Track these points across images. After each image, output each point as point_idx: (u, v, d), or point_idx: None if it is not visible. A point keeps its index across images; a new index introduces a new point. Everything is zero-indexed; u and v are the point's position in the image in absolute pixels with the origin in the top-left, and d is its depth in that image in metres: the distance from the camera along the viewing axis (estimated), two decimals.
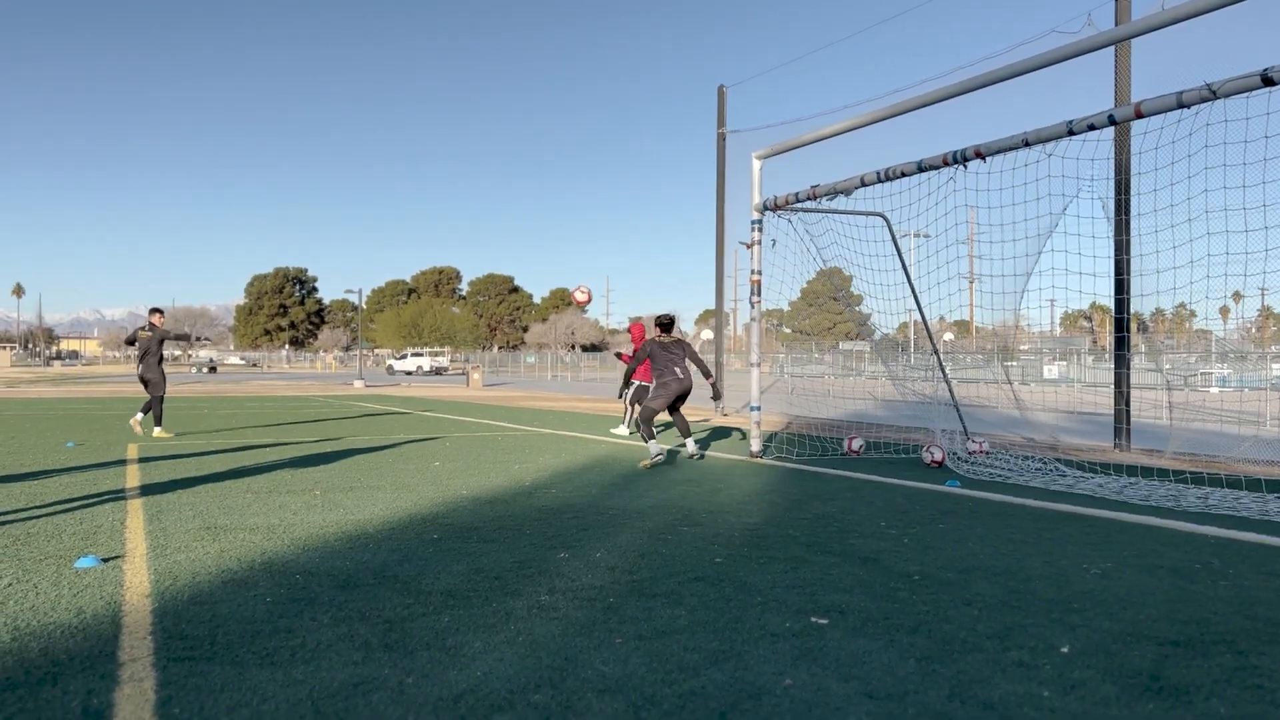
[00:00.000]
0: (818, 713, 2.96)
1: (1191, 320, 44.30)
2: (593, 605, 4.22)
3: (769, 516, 6.79)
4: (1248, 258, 7.18)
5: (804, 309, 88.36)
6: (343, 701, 3.02)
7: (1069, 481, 8.98)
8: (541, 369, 71.80)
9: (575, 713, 2.94)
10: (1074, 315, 78.22)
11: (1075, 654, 3.59)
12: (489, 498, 7.53)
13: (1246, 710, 3.01)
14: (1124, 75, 12.80)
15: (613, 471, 9.50)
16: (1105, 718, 2.94)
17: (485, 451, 11.51)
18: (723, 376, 22.58)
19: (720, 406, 21.15)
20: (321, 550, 5.39)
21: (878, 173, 10.30)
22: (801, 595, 4.47)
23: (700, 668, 3.38)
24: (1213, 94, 6.68)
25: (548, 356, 76.06)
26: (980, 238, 10.85)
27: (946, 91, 9.49)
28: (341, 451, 11.40)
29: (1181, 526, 6.55)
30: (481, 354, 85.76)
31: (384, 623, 3.92)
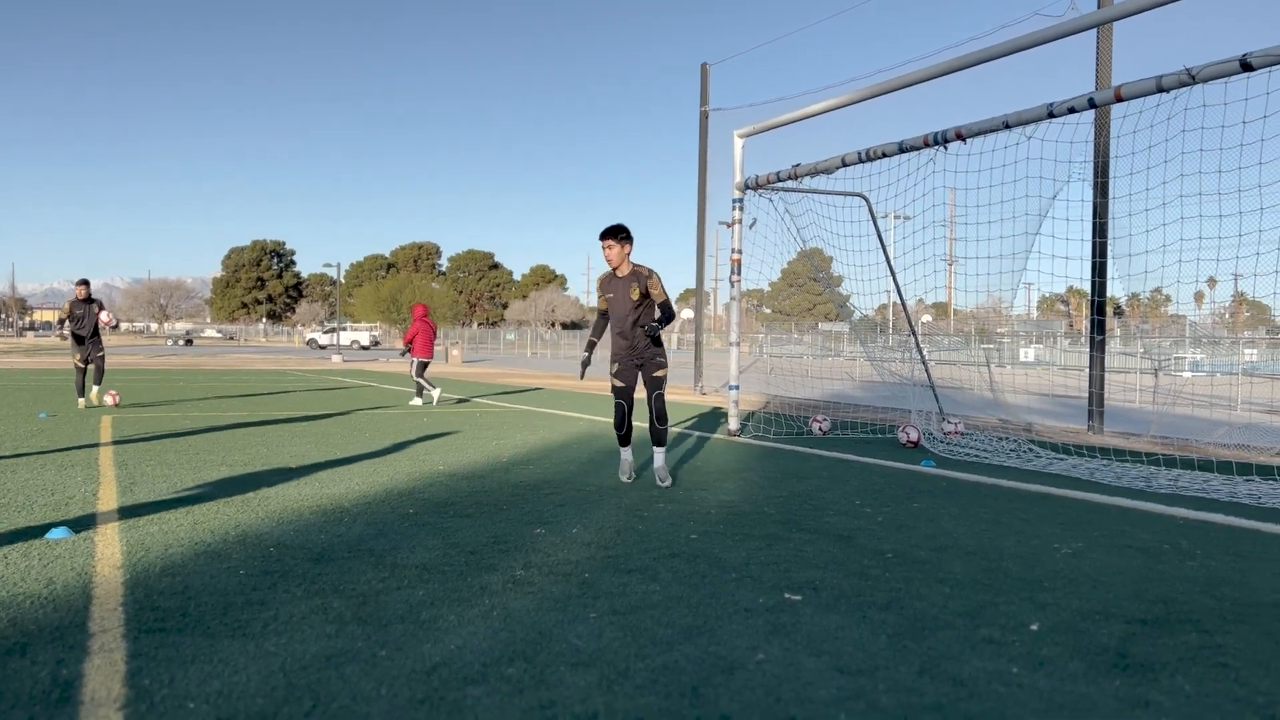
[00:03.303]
0: (789, 687, 2.98)
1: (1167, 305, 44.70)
2: (568, 580, 4.23)
3: (745, 494, 6.82)
4: (1220, 242, 7.24)
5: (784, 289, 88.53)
6: (316, 674, 3.02)
7: (1042, 463, 9.07)
8: (521, 346, 71.67)
9: (548, 685, 2.95)
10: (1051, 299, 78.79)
11: (1044, 631, 3.63)
12: (466, 473, 7.52)
13: (1210, 687, 3.06)
14: (1105, 59, 12.82)
15: (591, 448, 9.51)
16: (1073, 694, 2.98)
17: (463, 427, 11.49)
18: (702, 355, 22.63)
19: (699, 385, 21.20)
20: (296, 523, 5.37)
21: (859, 153, 10.30)
22: (776, 572, 4.49)
23: (674, 642, 3.40)
24: (1192, 79, 6.71)
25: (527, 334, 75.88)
26: (960, 220, 10.89)
27: (929, 72, 9.49)
28: (318, 426, 11.35)
29: (1152, 508, 6.63)
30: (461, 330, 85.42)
31: (358, 596, 3.92)
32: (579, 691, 2.91)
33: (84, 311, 13.59)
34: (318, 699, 2.82)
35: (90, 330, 13.62)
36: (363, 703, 2.80)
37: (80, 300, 13.58)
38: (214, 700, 2.78)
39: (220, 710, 2.71)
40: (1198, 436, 11.76)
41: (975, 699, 2.91)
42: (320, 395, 17.32)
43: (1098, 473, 8.35)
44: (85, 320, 13.57)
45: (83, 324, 13.57)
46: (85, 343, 13.62)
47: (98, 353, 13.78)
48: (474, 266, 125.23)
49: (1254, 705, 2.91)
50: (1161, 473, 8.33)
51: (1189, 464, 8.81)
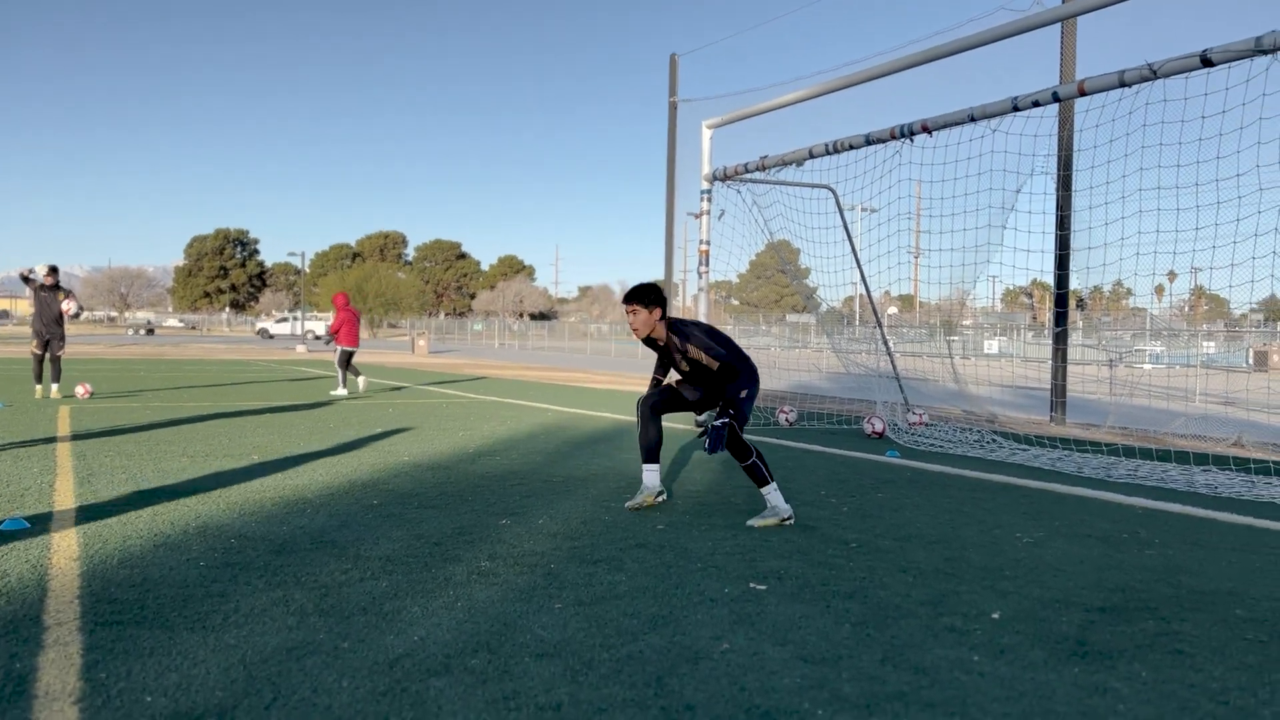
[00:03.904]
0: (753, 676, 2.99)
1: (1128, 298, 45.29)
2: (533, 571, 4.22)
3: (711, 484, 6.83)
4: (1178, 236, 7.35)
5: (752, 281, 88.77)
6: (276, 666, 2.98)
7: (1005, 453, 9.17)
8: (489, 336, 71.37)
9: (512, 676, 2.94)
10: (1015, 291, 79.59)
11: (1005, 620, 3.67)
12: (431, 464, 7.47)
13: (1167, 674, 3.11)
14: (1069, 54, 12.95)
15: (558, 439, 9.48)
16: (1033, 681, 3.01)
17: (429, 418, 11.42)
18: None
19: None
20: (258, 515, 5.31)
21: (826, 145, 10.33)
22: (741, 562, 4.50)
23: (639, 632, 3.40)
24: (1153, 73, 6.79)
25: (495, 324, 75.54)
26: (925, 212, 10.96)
27: (896, 65, 9.54)
28: (282, 416, 11.23)
29: (1111, 497, 6.72)
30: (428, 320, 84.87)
31: (320, 588, 3.88)
32: (543, 682, 2.90)
33: (48, 298, 13.20)
34: (278, 691, 2.79)
35: (51, 319, 13.25)
36: (324, 695, 2.77)
37: (46, 286, 13.18)
38: (172, 693, 2.74)
39: (179, 703, 2.67)
40: (1157, 427, 11.95)
41: (937, 687, 2.94)
42: (284, 386, 17.15)
43: (1059, 463, 8.45)
44: (47, 307, 13.18)
45: (43, 311, 13.20)
46: (44, 331, 13.25)
47: (58, 346, 13.30)
48: (441, 256, 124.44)
49: (1209, 691, 2.96)
50: (1121, 463, 8.45)
51: (1148, 454, 8.95)
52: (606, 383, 21.76)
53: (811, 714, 2.71)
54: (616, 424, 11.23)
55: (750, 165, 11.52)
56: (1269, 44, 6.19)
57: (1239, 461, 8.60)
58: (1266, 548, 5.19)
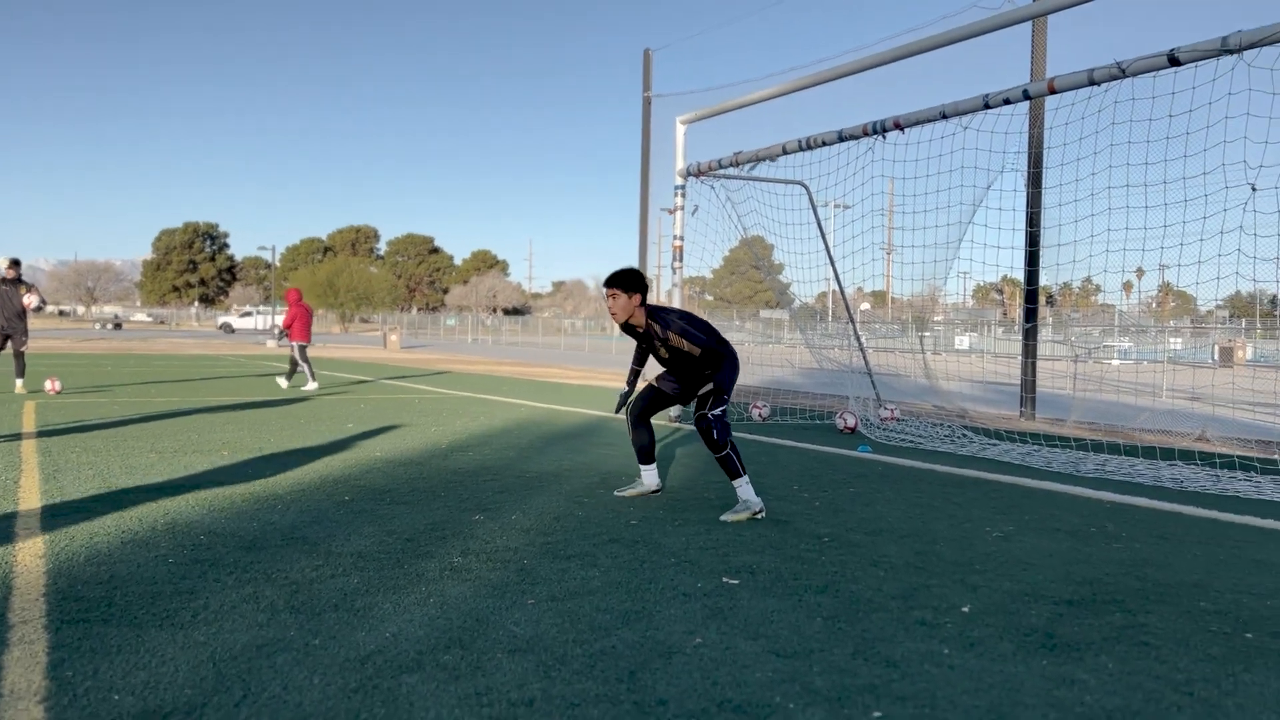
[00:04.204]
0: (726, 670, 3.00)
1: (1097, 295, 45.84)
2: (506, 567, 4.21)
3: (685, 480, 6.85)
4: (1146, 233, 7.45)
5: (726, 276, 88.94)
6: (246, 663, 2.96)
7: (975, 448, 9.25)
8: (462, 332, 71.08)
9: (485, 672, 2.93)
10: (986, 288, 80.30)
11: (975, 613, 3.70)
12: (404, 460, 7.44)
13: (1133, 665, 3.15)
14: (1040, 53, 13.06)
15: (532, 434, 9.47)
16: (1002, 674, 3.04)
17: (401, 414, 11.36)
18: None
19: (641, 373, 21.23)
20: (227, 511, 5.26)
21: (799, 141, 10.37)
22: (714, 556, 4.52)
23: (612, 628, 3.40)
24: (1122, 72, 6.87)
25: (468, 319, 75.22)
26: (898, 209, 11.03)
27: (869, 61, 9.58)
28: (252, 412, 11.13)
29: (1080, 492, 6.80)
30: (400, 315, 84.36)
31: (291, 584, 3.85)
32: (516, 678, 2.89)
33: (9, 291, 12.95)
34: (248, 689, 2.76)
35: (13, 313, 13.01)
36: (294, 692, 2.75)
37: (7, 280, 12.92)
38: (140, 692, 2.71)
39: (146, 702, 2.65)
40: (1124, 422, 12.10)
41: (907, 680, 2.96)
42: (255, 381, 16.99)
43: (1028, 458, 8.54)
44: (8, 301, 12.94)
45: (4, 306, 12.95)
46: (5, 326, 12.99)
47: (20, 341, 13.07)
48: (413, 250, 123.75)
49: (1174, 683, 3.00)
50: (1089, 457, 8.55)
51: (1115, 449, 9.06)
52: (581, 378, 21.74)
53: (783, 707, 2.73)
54: (590, 419, 11.23)
55: (724, 161, 11.54)
56: (1235, 44, 6.28)
57: (1204, 456, 8.73)
58: (1230, 540, 5.27)
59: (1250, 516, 5.99)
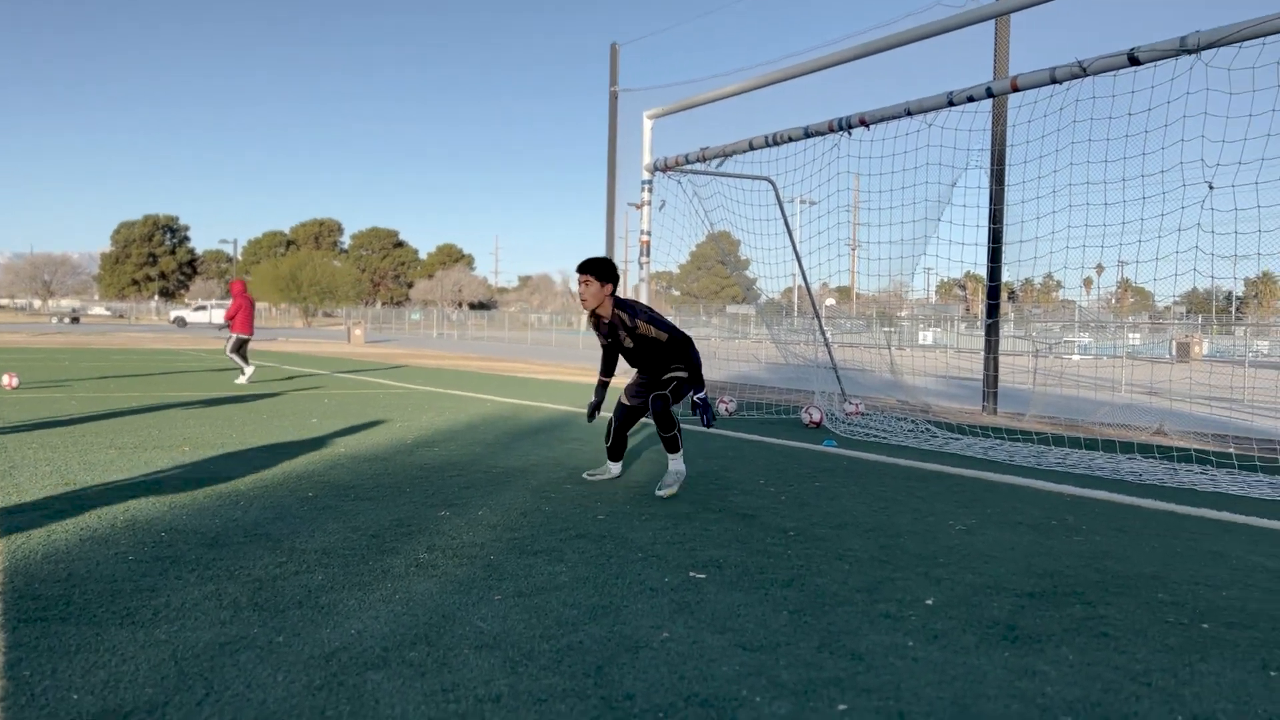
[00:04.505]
0: (692, 665, 3.01)
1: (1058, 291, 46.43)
2: (473, 563, 4.19)
3: (652, 474, 6.85)
4: (1105, 230, 7.55)
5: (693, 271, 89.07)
6: (208, 661, 2.93)
7: (939, 442, 9.34)
8: (427, 326, 70.60)
9: (451, 669, 2.92)
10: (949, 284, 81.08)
11: (939, 606, 3.74)
12: (369, 455, 7.38)
13: (1093, 656, 3.20)
14: (1003, 51, 13.20)
15: (498, 430, 9.43)
16: (964, 665, 3.08)
17: (366, 408, 11.27)
18: None
19: None
20: (189, 508, 5.20)
21: (766, 137, 10.41)
22: (681, 551, 4.53)
23: (579, 623, 3.40)
24: (1083, 70, 6.96)
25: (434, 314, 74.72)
26: (863, 205, 11.10)
27: (834, 58, 9.63)
28: (214, 408, 10.99)
29: (1041, 485, 6.89)
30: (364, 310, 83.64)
31: (254, 581, 3.81)
32: (482, 673, 2.89)
33: None
34: (210, 687, 2.73)
35: None
36: (258, 690, 2.72)
37: None
38: (99, 691, 2.68)
39: (106, 701, 2.61)
40: (1084, 416, 12.27)
41: (872, 672, 2.99)
42: (216, 376, 16.78)
43: (991, 451, 8.64)
44: None
45: None
46: None
47: None
48: (378, 244, 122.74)
49: (1131, 673, 3.06)
50: (1051, 451, 8.67)
51: (1076, 443, 9.19)
52: (548, 373, 21.69)
53: (749, 701, 2.74)
54: (557, 414, 11.21)
55: (691, 156, 11.56)
56: (1193, 44, 6.38)
57: (1162, 449, 8.88)
58: (1187, 533, 5.37)
59: (1206, 509, 6.10)
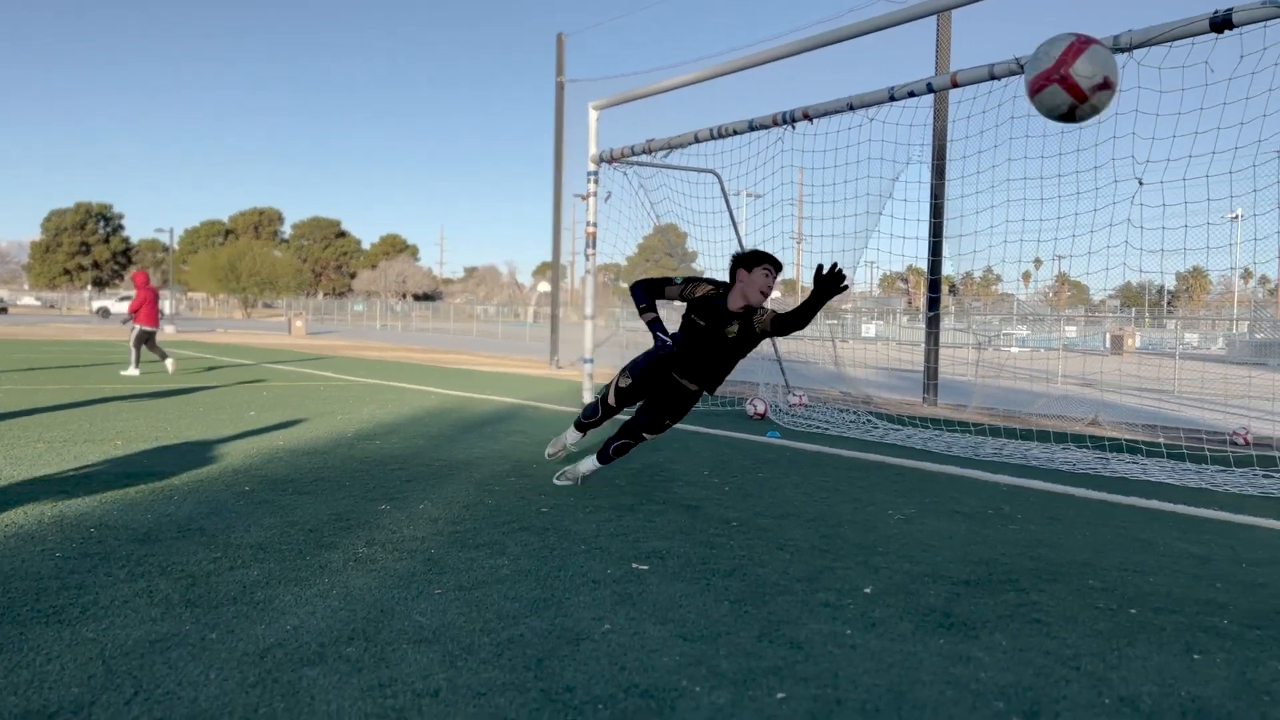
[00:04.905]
0: (633, 656, 3.02)
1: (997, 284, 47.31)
2: (413, 557, 4.15)
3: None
4: (1041, 225, 7.70)
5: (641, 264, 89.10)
6: (137, 659, 2.86)
7: (880, 433, 9.47)
8: (370, 318, 69.71)
9: (389, 664, 2.88)
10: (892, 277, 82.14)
11: (877, 594, 3.79)
12: (308, 449, 7.26)
13: (1025, 642, 3.27)
14: (944, 47, 13.39)
15: (442, 422, 9.35)
16: (901, 653, 3.12)
17: (305, 401, 11.09)
18: (559, 329, 22.58)
19: (555, 359, 21.17)
20: (120, 503, 5.07)
21: (710, 130, 10.43)
22: (624, 543, 4.53)
23: (520, 616, 3.38)
24: (1021, 67, 7.07)
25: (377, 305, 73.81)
26: (808, 198, 11.18)
27: (778, 52, 9.68)
28: (148, 401, 10.74)
29: (978, 475, 7.02)
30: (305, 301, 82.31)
31: (187, 577, 3.73)
32: (421, 668, 2.86)
33: None
34: (139, 685, 2.67)
35: None
36: (189, 687, 2.67)
37: None
38: (23, 691, 2.60)
39: (30, 701, 2.54)
40: (1021, 408, 12.53)
41: (811, 661, 3.02)
42: (151, 368, 16.39)
43: (930, 442, 8.78)
44: None
45: None
46: None
47: None
48: (319, 234, 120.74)
49: (1062, 657, 3.13)
50: (988, 442, 8.83)
51: (1012, 434, 9.38)
52: (494, 365, 21.56)
53: (689, 691, 2.75)
54: (503, 407, 11.15)
55: (636, 148, 11.54)
56: (1125, 43, 6.52)
57: (1095, 440, 9.10)
58: (1117, 521, 5.51)
59: (1136, 498, 6.27)
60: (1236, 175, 6.42)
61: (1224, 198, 6.57)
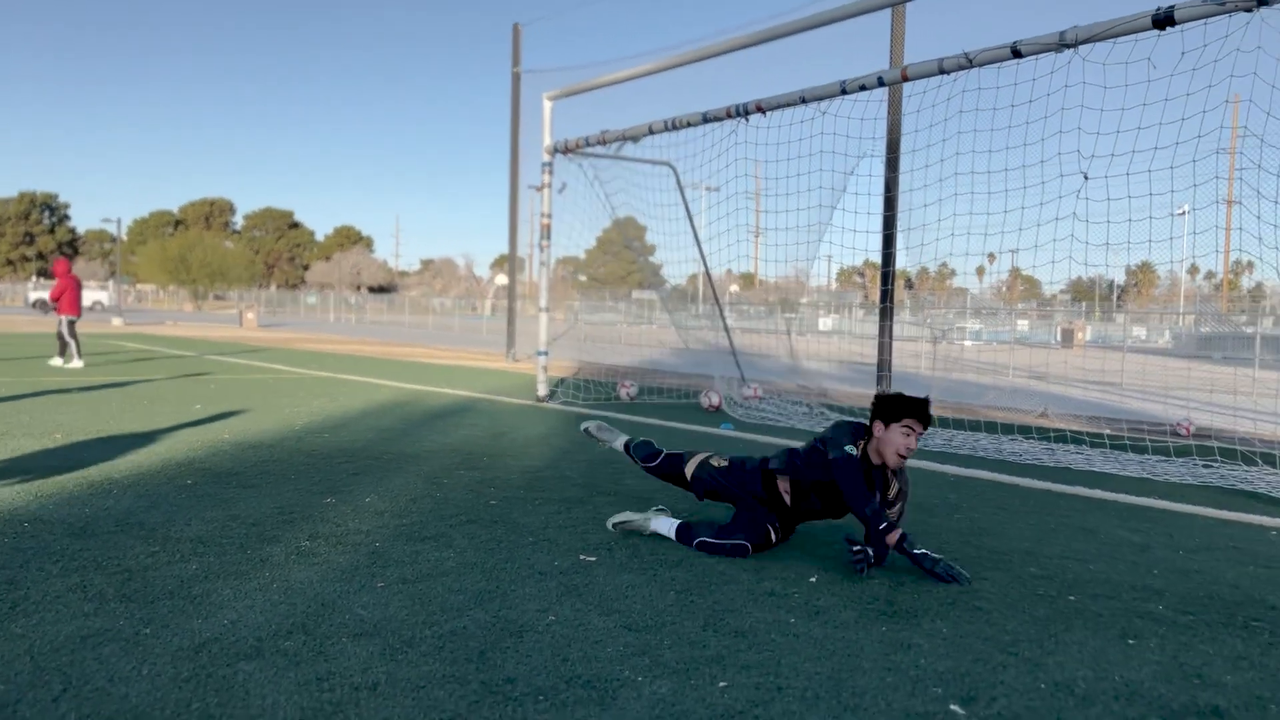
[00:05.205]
0: (577, 647, 3.00)
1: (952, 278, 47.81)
2: (356, 550, 4.10)
3: (549, 459, 6.82)
4: (989, 219, 7.80)
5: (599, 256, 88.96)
6: (68, 655, 2.79)
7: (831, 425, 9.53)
8: (323, 310, 68.84)
9: (327, 657, 2.85)
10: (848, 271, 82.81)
11: (822, 583, 3.81)
12: (253, 442, 7.15)
13: (965, 629, 3.30)
14: (898, 41, 13.46)
15: (393, 416, 9.26)
16: (843, 640, 3.14)
17: (253, 394, 10.93)
18: (515, 322, 22.46)
19: (512, 352, 21.06)
20: (57, 497, 4.95)
21: (665, 122, 10.41)
22: (573, 535, 4.51)
23: (464, 608, 3.35)
24: (969, 62, 7.14)
25: (330, 297, 72.90)
26: (765, 192, 11.22)
27: (734, 43, 9.68)
28: (91, 394, 10.51)
29: (927, 465, 7.09)
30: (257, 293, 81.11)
31: (123, 572, 3.65)
32: (360, 662, 2.82)
33: None
34: (69, 682, 2.61)
35: None
36: (120, 684, 2.61)
37: None
38: None
39: None
40: (973, 399, 12.69)
41: (754, 649, 3.03)
42: (95, 361, 16.05)
43: None
44: None
45: None
46: None
47: None
48: (272, 225, 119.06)
49: (1001, 643, 3.16)
50: (938, 433, 8.92)
51: (961, 425, 9.49)
52: (450, 358, 21.39)
53: (631, 681, 2.74)
54: (456, 400, 11.07)
55: (591, 139, 11.49)
56: (1071, 39, 6.60)
57: (1042, 431, 9.23)
58: (1060, 510, 5.59)
59: (1080, 487, 6.37)
60: (1177, 170, 6.54)
61: (1166, 192, 6.68)
